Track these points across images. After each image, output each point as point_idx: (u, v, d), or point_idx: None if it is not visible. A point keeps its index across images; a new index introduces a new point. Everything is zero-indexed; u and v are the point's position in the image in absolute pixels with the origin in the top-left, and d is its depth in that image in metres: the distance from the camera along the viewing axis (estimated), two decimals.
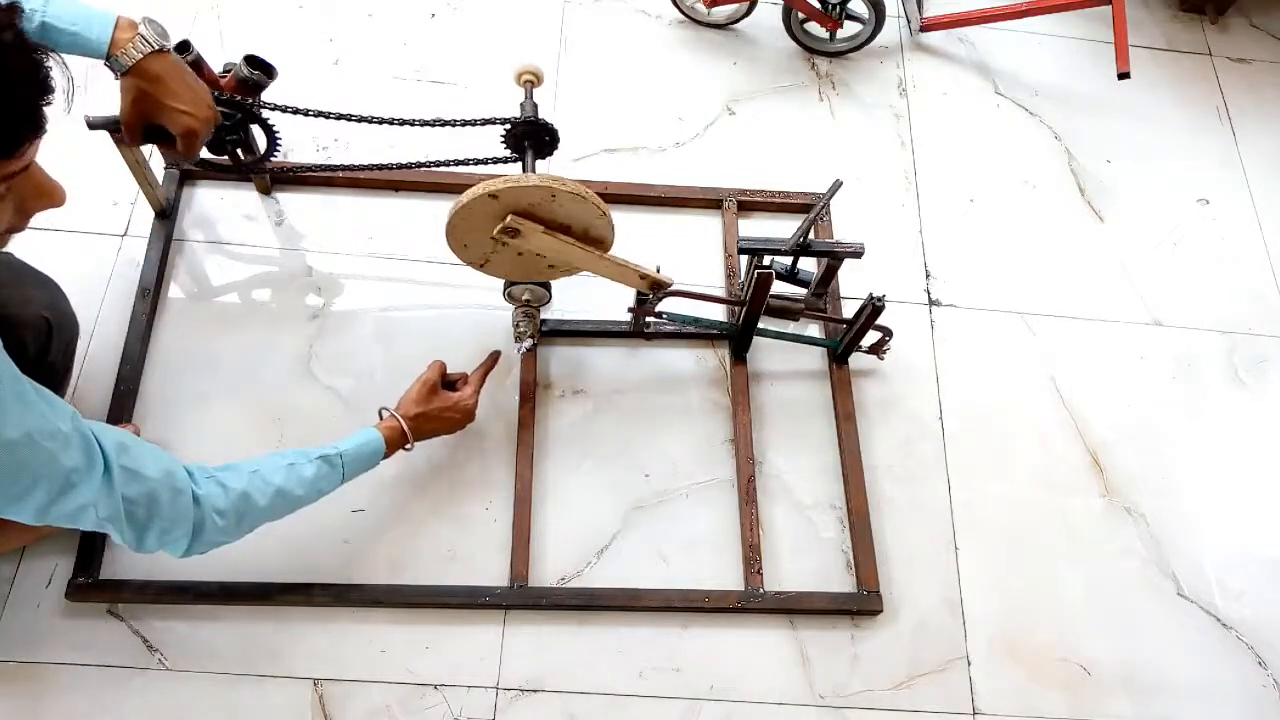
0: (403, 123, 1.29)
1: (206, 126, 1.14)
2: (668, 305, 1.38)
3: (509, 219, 1.17)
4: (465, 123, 1.30)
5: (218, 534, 1.02)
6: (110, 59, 1.04)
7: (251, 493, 1.04)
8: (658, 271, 1.30)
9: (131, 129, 1.14)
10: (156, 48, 1.05)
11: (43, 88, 0.73)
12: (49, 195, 0.80)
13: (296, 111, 1.26)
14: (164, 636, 1.23)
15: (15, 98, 0.71)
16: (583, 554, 1.34)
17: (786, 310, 1.40)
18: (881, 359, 1.48)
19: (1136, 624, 1.38)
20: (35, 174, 0.79)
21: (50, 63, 0.73)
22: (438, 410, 1.26)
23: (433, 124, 1.30)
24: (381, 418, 1.23)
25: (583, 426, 1.43)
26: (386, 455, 1.20)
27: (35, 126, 0.74)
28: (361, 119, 1.28)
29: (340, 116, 1.28)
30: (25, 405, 0.82)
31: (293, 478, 1.08)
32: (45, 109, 0.74)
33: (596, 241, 1.24)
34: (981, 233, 1.69)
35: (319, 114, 1.28)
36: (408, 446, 1.23)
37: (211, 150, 1.31)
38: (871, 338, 1.43)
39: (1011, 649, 1.34)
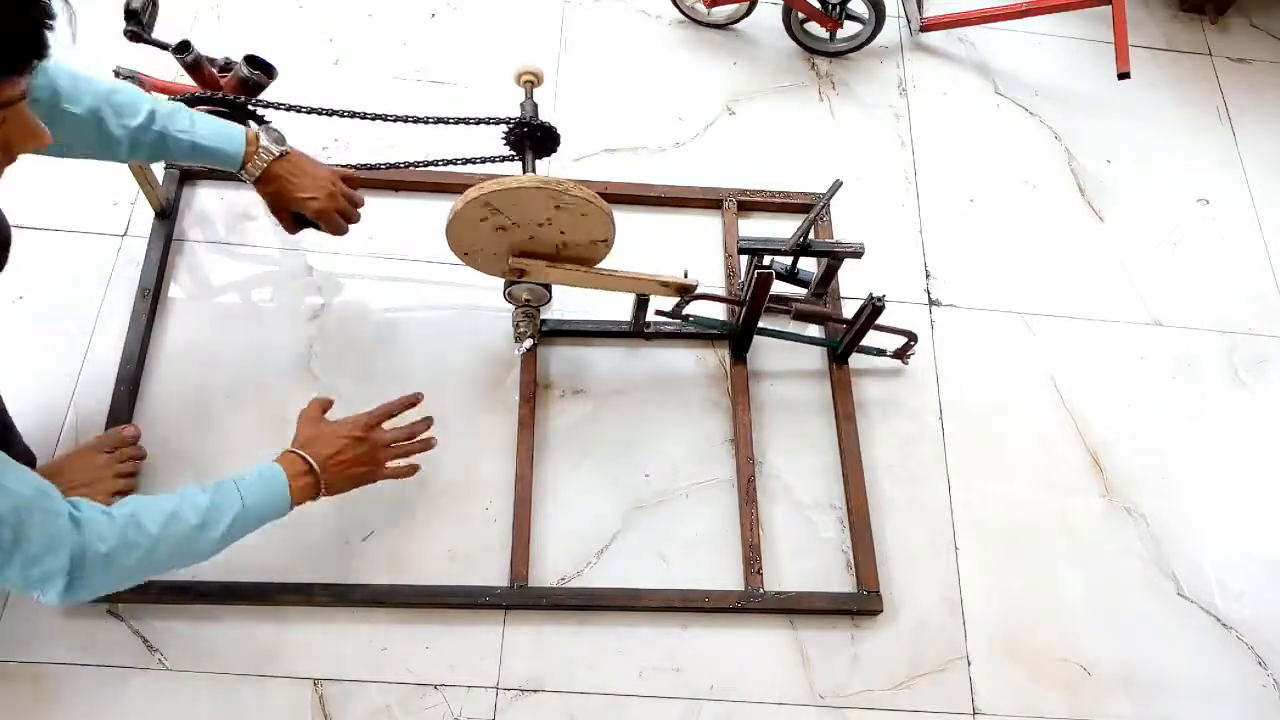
0: (401, 119, 1.29)
1: (333, 202, 1.27)
2: (666, 305, 1.38)
3: (511, 261, 1.19)
4: (465, 121, 1.30)
5: (102, 569, 0.92)
6: (243, 169, 1.20)
7: (140, 515, 0.96)
8: (685, 276, 1.30)
9: (283, 222, 1.29)
10: (278, 154, 1.21)
11: (43, 8, 0.70)
12: (36, 135, 0.77)
13: (296, 109, 1.25)
14: (164, 636, 1.23)
15: (14, 12, 0.68)
16: (583, 554, 1.34)
17: (810, 315, 1.39)
18: (906, 363, 1.48)
19: (1136, 624, 1.38)
20: (24, 112, 0.75)
21: None
22: (331, 432, 1.16)
23: (431, 122, 1.30)
24: None
25: (583, 426, 1.43)
26: (294, 493, 1.10)
27: (38, 48, 0.71)
28: (362, 115, 1.28)
29: (336, 113, 1.28)
30: None
31: (185, 503, 1.00)
32: (47, 33, 0.71)
33: (600, 241, 1.24)
34: (981, 233, 1.69)
35: (316, 111, 1.28)
36: (318, 487, 1.13)
37: None
38: (895, 342, 1.44)
39: (1011, 649, 1.34)
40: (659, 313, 1.40)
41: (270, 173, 1.22)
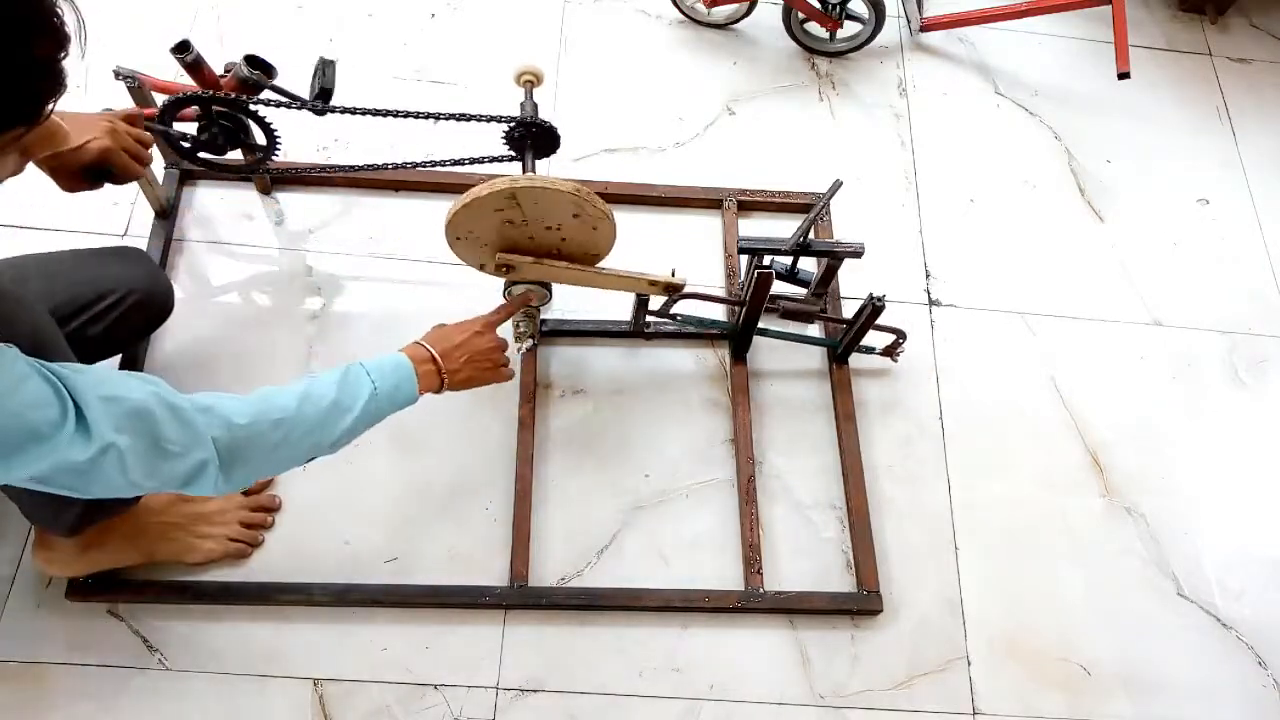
0: (402, 115, 1.29)
1: (117, 139, 1.14)
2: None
3: (497, 257, 1.19)
4: (465, 118, 1.30)
5: (247, 446, 0.92)
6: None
7: (270, 394, 0.96)
8: (673, 275, 1.30)
9: (70, 185, 1.16)
10: None
11: (59, 37, 0.66)
12: (57, 138, 0.76)
13: (294, 101, 1.25)
14: (164, 636, 1.23)
15: (35, 56, 0.64)
16: (583, 554, 1.34)
17: (797, 313, 1.40)
18: (895, 361, 1.48)
19: (1136, 624, 1.38)
20: (47, 121, 0.73)
21: (61, 5, 0.67)
22: (462, 336, 1.16)
23: (431, 118, 1.29)
24: None
25: (583, 426, 1.43)
26: (421, 382, 1.09)
27: (55, 84, 0.68)
28: (362, 111, 1.28)
29: (335, 109, 1.27)
30: None
31: (315, 384, 1.00)
32: (63, 63, 0.68)
33: (594, 241, 1.24)
34: (981, 233, 1.69)
35: (316, 109, 1.28)
36: (441, 377, 1.12)
37: (212, 152, 1.31)
38: (885, 340, 1.44)
39: (1011, 649, 1.34)
40: (650, 313, 1.40)
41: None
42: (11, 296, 0.96)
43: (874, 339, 1.46)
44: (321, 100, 1.24)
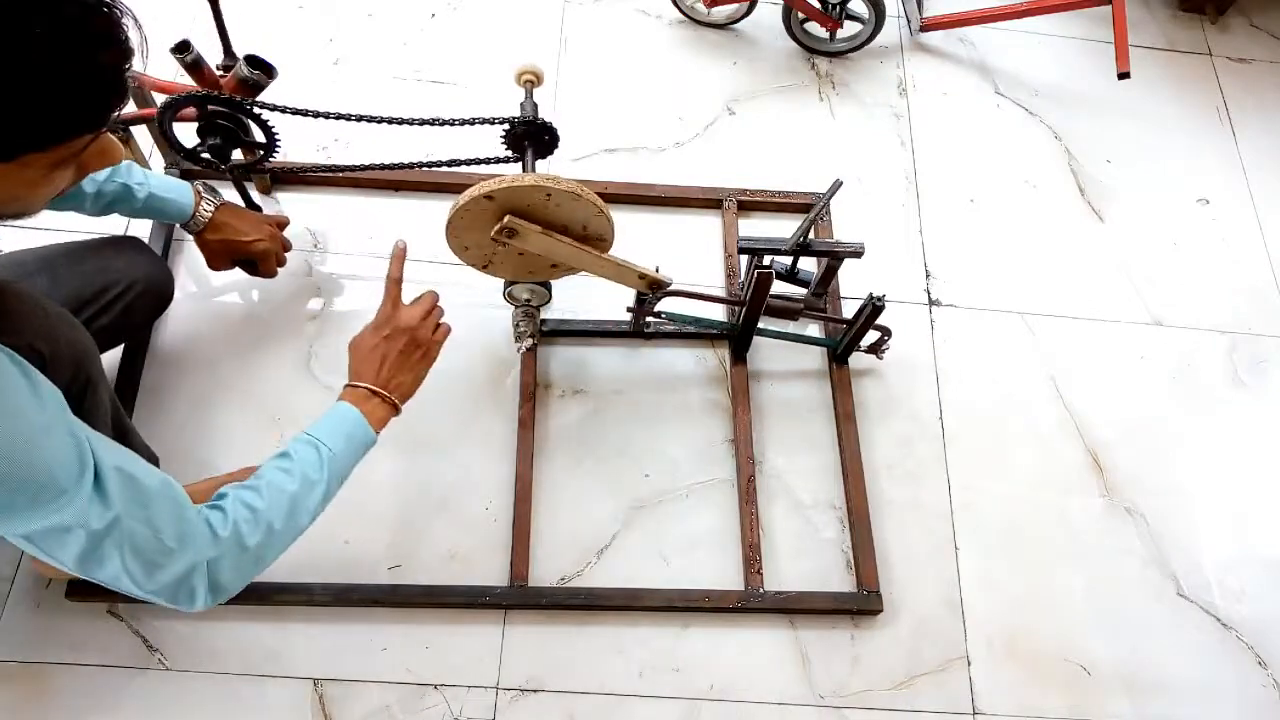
0: (402, 122, 1.29)
1: (274, 244, 1.37)
2: (668, 305, 1.39)
3: (506, 219, 1.17)
4: (465, 122, 1.30)
5: (233, 555, 0.90)
6: (191, 219, 1.29)
7: (239, 497, 0.93)
8: (656, 271, 1.30)
9: (218, 265, 1.36)
10: (220, 204, 1.31)
11: (125, 50, 0.69)
12: (111, 154, 0.77)
13: (296, 112, 1.25)
14: (164, 636, 1.23)
15: (102, 65, 0.67)
16: (583, 554, 1.34)
17: (786, 310, 1.40)
18: (881, 358, 1.48)
19: (1136, 624, 1.38)
20: (103, 134, 0.75)
21: (126, 17, 0.69)
22: (366, 346, 1.12)
23: (432, 123, 1.30)
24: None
25: (583, 426, 1.43)
26: (374, 422, 1.06)
27: (121, 94, 0.70)
28: (361, 118, 1.28)
29: (340, 116, 1.27)
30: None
31: (273, 475, 0.96)
32: (127, 74, 0.70)
33: (597, 239, 1.24)
34: (981, 233, 1.69)
35: (315, 113, 1.28)
36: (389, 402, 1.09)
37: (211, 153, 1.31)
38: (871, 337, 1.44)
39: (1011, 649, 1.34)
40: (651, 314, 1.40)
41: (216, 220, 1.30)
42: (55, 311, 0.98)
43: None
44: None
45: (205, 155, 1.29)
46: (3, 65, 0.61)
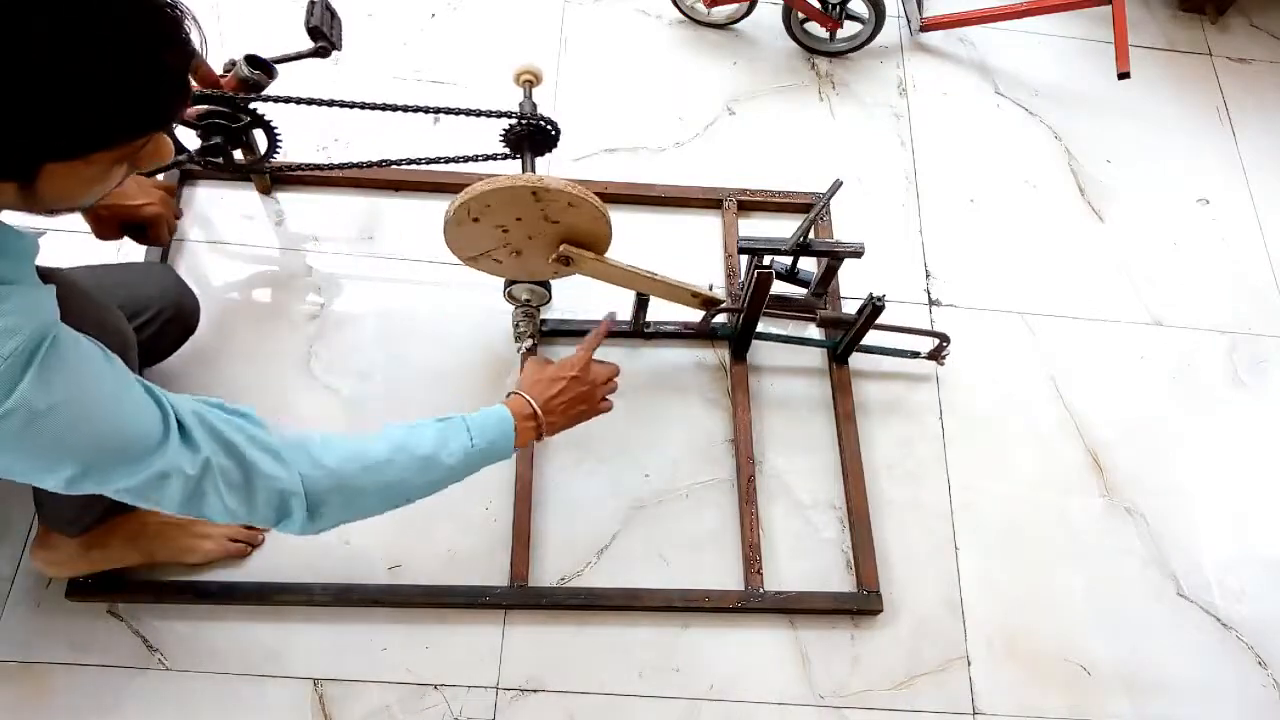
0: (400, 109, 1.29)
1: (165, 208, 1.27)
2: (666, 306, 1.39)
3: (562, 248, 1.20)
4: (464, 113, 1.30)
5: (334, 488, 0.93)
6: None
7: (365, 440, 0.96)
8: (711, 289, 1.32)
9: (104, 230, 1.25)
10: None
11: (189, 50, 0.70)
12: (162, 152, 0.78)
13: (297, 101, 1.25)
14: (164, 636, 1.23)
15: (167, 64, 0.68)
16: (583, 554, 1.34)
17: (790, 305, 1.40)
18: (941, 364, 1.48)
19: (1136, 624, 1.38)
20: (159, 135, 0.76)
21: (188, 18, 0.70)
22: (552, 374, 1.15)
23: (430, 111, 1.29)
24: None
25: (583, 427, 1.43)
26: (519, 438, 1.08)
27: (186, 93, 0.72)
28: (360, 105, 1.28)
29: (335, 103, 1.27)
30: (77, 375, 0.76)
31: (413, 434, 0.99)
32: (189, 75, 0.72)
33: (594, 240, 1.24)
34: (981, 233, 1.69)
35: (316, 101, 1.28)
36: (540, 430, 1.11)
37: (208, 153, 1.31)
38: (927, 344, 1.45)
39: (1011, 649, 1.34)
40: (686, 325, 1.41)
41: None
42: (98, 300, 0.98)
43: (918, 343, 1.47)
44: (322, 44, 1.24)
45: (204, 155, 1.29)
46: (79, 65, 0.63)
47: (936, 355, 1.47)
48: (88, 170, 0.70)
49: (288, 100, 1.25)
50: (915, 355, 1.49)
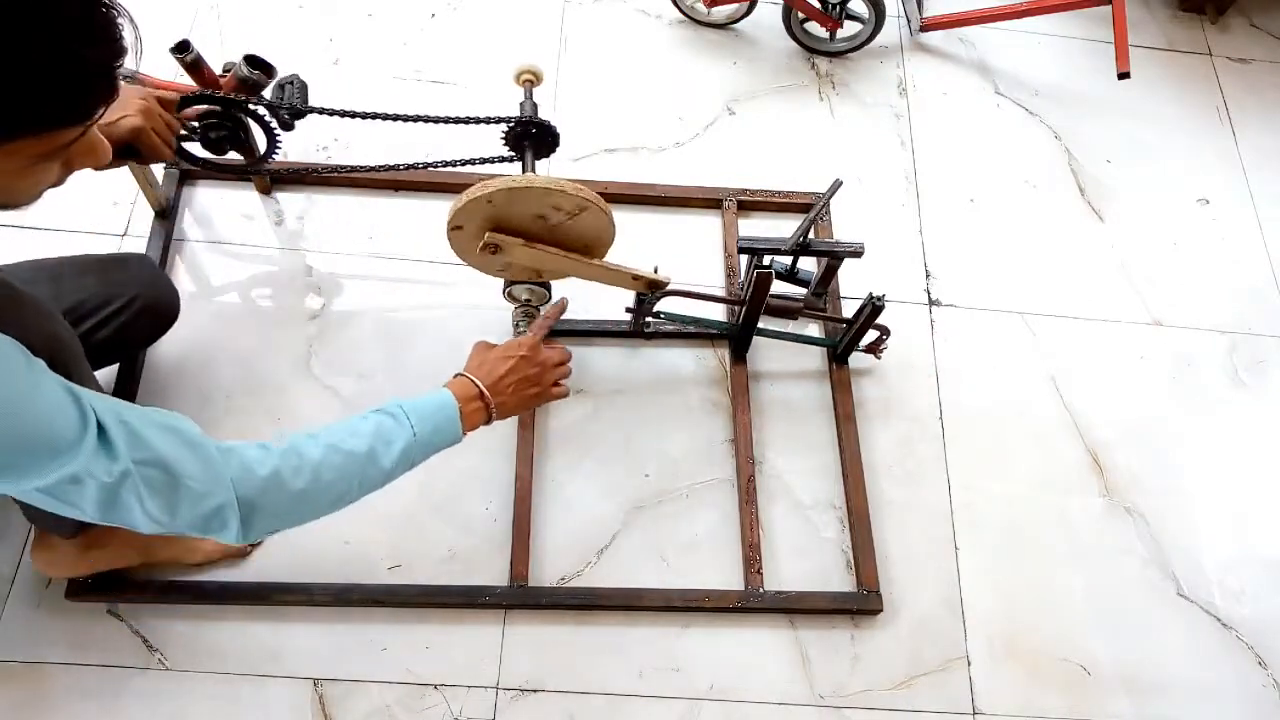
0: (400, 118, 1.29)
1: (150, 120, 1.13)
2: (668, 305, 1.39)
3: (487, 236, 1.17)
4: (464, 121, 1.30)
5: (271, 496, 0.89)
6: None
7: (298, 444, 0.92)
8: (655, 271, 1.30)
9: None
10: None
11: (116, 48, 0.69)
12: (97, 153, 0.77)
13: (296, 110, 1.25)
14: (164, 636, 1.23)
15: (92, 59, 0.67)
16: (583, 554, 1.34)
17: (787, 309, 1.40)
18: (879, 358, 1.48)
19: (1136, 624, 1.38)
20: (91, 132, 0.75)
21: (122, 18, 0.69)
22: (500, 354, 1.12)
23: (431, 120, 1.29)
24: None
25: (583, 426, 1.43)
26: (466, 421, 1.05)
27: (110, 91, 0.70)
28: (360, 114, 1.28)
29: (335, 112, 1.27)
30: None
31: (347, 431, 0.95)
32: (118, 72, 0.70)
33: (596, 239, 1.24)
34: (981, 233, 1.69)
35: (315, 110, 1.28)
36: (489, 411, 1.08)
37: (211, 151, 1.31)
38: (869, 336, 1.44)
39: (1011, 649, 1.34)
40: (627, 309, 1.40)
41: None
42: (30, 303, 0.95)
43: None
44: (290, 118, 1.24)
45: (204, 155, 1.29)
46: None
47: (875, 349, 1.46)
48: (8, 163, 0.68)
49: (289, 108, 1.25)
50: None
